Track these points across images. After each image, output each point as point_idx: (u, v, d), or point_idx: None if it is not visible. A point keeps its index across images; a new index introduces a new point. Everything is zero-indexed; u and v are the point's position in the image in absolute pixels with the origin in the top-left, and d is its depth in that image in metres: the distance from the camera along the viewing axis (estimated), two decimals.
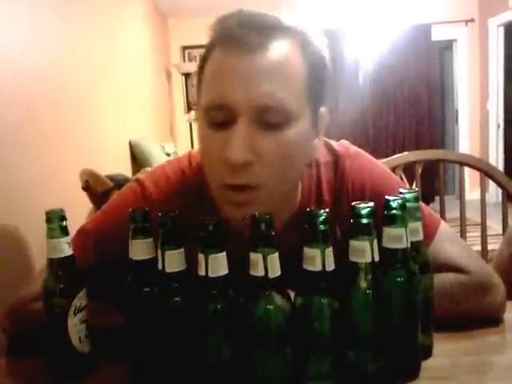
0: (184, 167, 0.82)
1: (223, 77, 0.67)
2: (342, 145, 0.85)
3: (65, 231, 0.65)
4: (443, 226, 0.81)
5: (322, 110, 0.74)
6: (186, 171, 0.82)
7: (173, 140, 5.36)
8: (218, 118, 0.67)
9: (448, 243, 0.79)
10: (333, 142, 0.85)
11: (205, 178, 0.75)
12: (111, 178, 2.19)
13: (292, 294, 0.59)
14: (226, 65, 0.67)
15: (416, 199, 0.66)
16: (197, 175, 0.80)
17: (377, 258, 0.58)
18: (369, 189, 0.79)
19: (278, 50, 0.67)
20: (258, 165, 0.67)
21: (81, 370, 0.67)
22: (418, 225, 0.66)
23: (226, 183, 0.68)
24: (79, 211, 2.17)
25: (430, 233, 0.77)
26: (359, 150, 0.86)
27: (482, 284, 0.76)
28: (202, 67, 0.72)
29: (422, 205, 0.75)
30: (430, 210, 0.83)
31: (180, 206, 0.65)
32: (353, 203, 0.59)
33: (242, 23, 0.67)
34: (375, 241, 0.58)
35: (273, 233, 0.57)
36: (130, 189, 0.82)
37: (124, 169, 3.25)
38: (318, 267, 0.56)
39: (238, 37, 0.65)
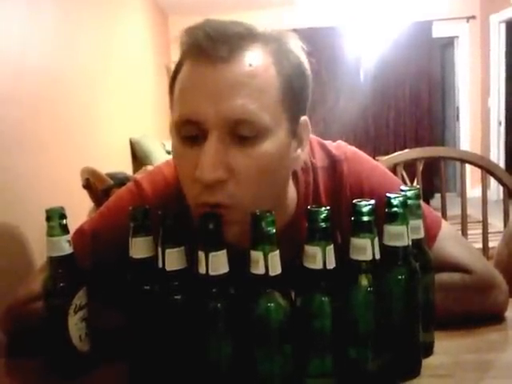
0: None
1: (192, 91, 0.64)
2: (339, 147, 0.83)
3: (65, 229, 0.65)
4: (444, 225, 0.81)
5: (303, 119, 0.71)
6: None
7: None
8: (189, 133, 0.65)
9: (450, 242, 0.79)
10: (329, 145, 0.83)
11: None
12: (112, 176, 2.18)
13: (293, 292, 0.59)
14: (194, 78, 0.64)
15: (417, 196, 0.65)
16: None
17: (378, 256, 0.58)
18: (367, 192, 0.77)
19: (248, 60, 0.63)
20: (232, 182, 0.64)
21: (81, 369, 0.67)
22: (419, 222, 0.65)
23: (200, 202, 0.65)
24: (80, 209, 2.17)
25: (432, 235, 0.77)
26: (356, 150, 0.84)
27: (484, 283, 0.76)
28: (173, 81, 0.69)
29: (423, 205, 0.74)
30: (431, 209, 0.82)
31: (177, 208, 0.63)
32: (354, 201, 0.58)
33: (209, 34, 0.63)
34: (376, 239, 0.58)
35: (274, 231, 0.56)
36: (128, 190, 0.82)
37: (125, 167, 3.25)
38: (318, 265, 0.56)
39: (205, 49, 0.63)
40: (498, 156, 5.45)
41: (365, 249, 0.57)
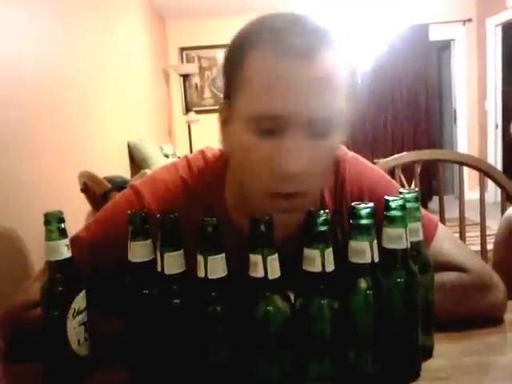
0: (184, 175, 0.79)
1: (276, 86, 0.63)
2: (340, 150, 0.84)
3: (63, 233, 0.65)
4: (441, 226, 0.82)
5: None
6: (186, 179, 0.79)
7: (171, 141, 5.36)
8: (266, 126, 0.64)
9: (446, 243, 0.79)
10: None
11: (211, 186, 0.77)
12: (110, 179, 2.18)
13: (292, 296, 0.59)
14: (278, 73, 0.63)
15: (416, 199, 0.66)
16: (200, 184, 0.78)
17: (377, 259, 0.58)
18: (367, 195, 0.78)
19: (329, 58, 0.65)
20: (308, 173, 0.66)
21: (80, 373, 0.67)
22: (418, 225, 0.65)
23: (276, 192, 0.67)
24: (78, 213, 2.17)
25: (429, 236, 0.77)
26: (355, 154, 0.86)
27: (482, 283, 0.76)
28: (234, 67, 0.67)
29: None
30: (426, 211, 0.82)
31: (181, 216, 0.61)
32: (352, 204, 0.59)
33: (292, 26, 0.64)
34: (375, 241, 0.58)
35: (272, 234, 0.56)
36: (127, 199, 0.79)
37: (122, 170, 3.25)
38: (317, 268, 0.56)
39: (291, 43, 0.63)
40: (495, 158, 5.46)
41: (364, 252, 0.57)
